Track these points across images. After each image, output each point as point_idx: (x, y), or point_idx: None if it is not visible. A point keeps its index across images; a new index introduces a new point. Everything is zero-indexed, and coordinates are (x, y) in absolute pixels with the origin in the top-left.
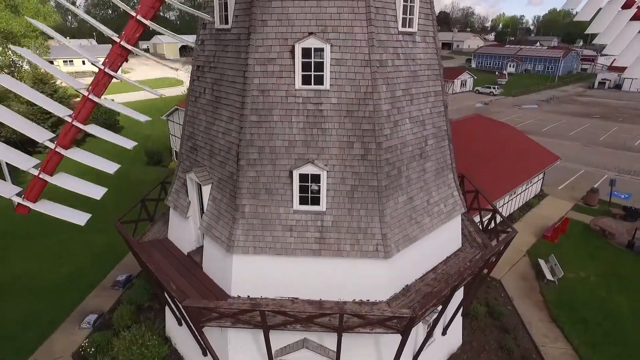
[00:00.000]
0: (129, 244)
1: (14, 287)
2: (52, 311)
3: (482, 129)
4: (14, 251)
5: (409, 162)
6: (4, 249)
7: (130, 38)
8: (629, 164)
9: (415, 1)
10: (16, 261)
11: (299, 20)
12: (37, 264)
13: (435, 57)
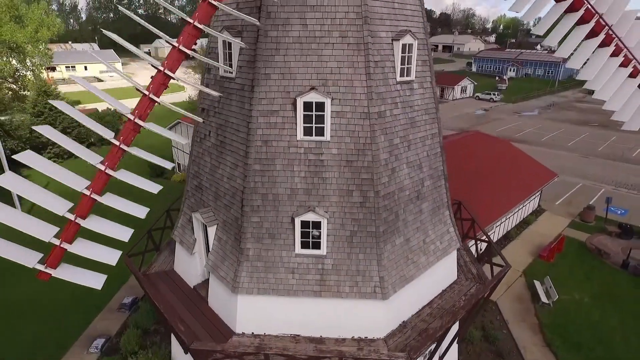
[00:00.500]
0: (138, 279)
1: (22, 308)
2: (60, 334)
3: (480, 146)
4: (20, 271)
5: (405, 205)
6: (10, 269)
7: (170, 67)
8: (626, 176)
9: (413, 51)
10: (23, 282)
11: (301, 74)
12: (43, 285)
13: (432, 101)
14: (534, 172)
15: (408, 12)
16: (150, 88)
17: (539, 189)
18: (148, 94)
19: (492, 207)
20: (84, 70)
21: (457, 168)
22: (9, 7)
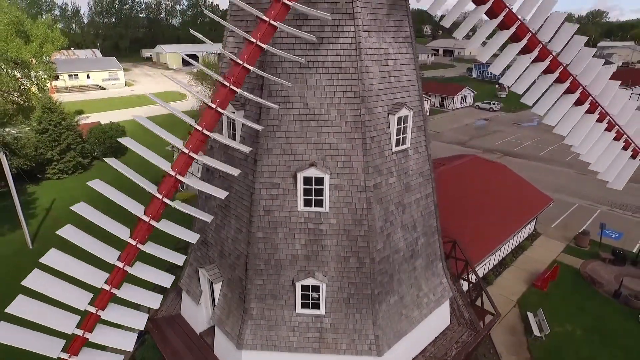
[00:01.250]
0: (148, 330)
1: None
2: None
3: (476, 173)
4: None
5: (400, 265)
6: None
7: (236, 80)
8: (621, 196)
9: (408, 121)
10: None
11: (301, 149)
12: None
13: (427, 164)
14: (530, 197)
15: (404, 84)
16: (202, 125)
17: (534, 216)
18: (201, 130)
19: (487, 238)
20: (87, 78)
21: (454, 198)
22: (14, 24)
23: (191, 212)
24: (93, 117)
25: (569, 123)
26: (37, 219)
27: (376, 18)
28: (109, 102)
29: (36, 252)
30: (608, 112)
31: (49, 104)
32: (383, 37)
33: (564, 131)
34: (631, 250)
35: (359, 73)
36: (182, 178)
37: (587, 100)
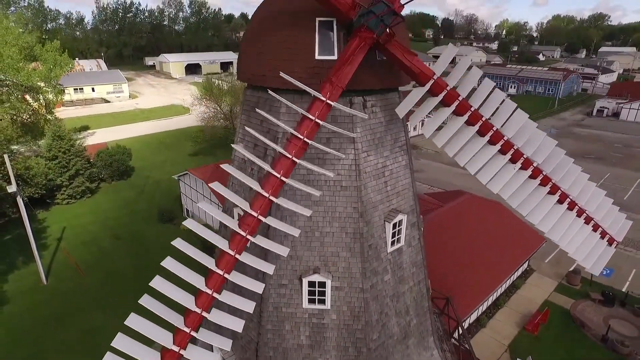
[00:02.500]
0: None
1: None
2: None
3: (471, 213)
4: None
5: (393, 347)
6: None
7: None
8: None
9: (403, 224)
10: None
11: (306, 256)
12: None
13: (420, 255)
14: (523, 237)
15: (399, 189)
16: (279, 170)
17: (527, 257)
18: (278, 177)
19: (481, 285)
20: (92, 91)
21: (448, 243)
22: (24, 49)
23: (269, 246)
24: (99, 133)
25: (550, 221)
26: (50, 250)
27: (374, 137)
28: (114, 117)
29: (51, 288)
30: (585, 209)
31: (59, 132)
32: (381, 152)
33: (544, 228)
34: (621, 289)
35: (358, 190)
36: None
37: (565, 200)
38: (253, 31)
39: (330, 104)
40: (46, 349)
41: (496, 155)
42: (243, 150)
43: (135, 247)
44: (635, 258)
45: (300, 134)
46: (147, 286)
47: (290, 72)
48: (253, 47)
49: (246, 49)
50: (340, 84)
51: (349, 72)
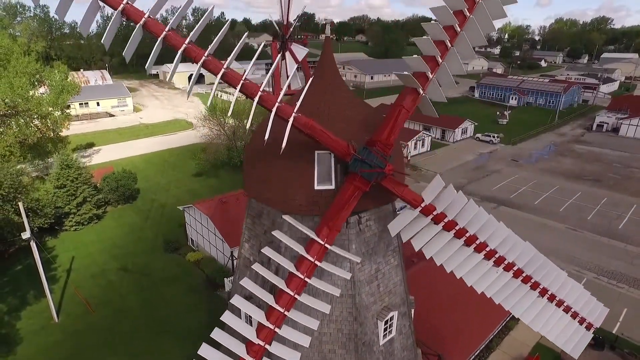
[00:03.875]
0: None
1: None
2: None
3: None
4: None
5: None
6: None
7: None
8: (608, 260)
9: (394, 318)
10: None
11: (305, 352)
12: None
13: (410, 338)
14: None
15: (390, 287)
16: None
17: None
18: (292, 294)
19: (473, 332)
20: (97, 105)
21: (440, 292)
22: (32, 75)
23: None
24: (104, 151)
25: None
26: (60, 284)
27: (368, 248)
28: (119, 133)
29: (62, 326)
30: (564, 300)
31: (66, 161)
32: (374, 259)
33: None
34: (612, 330)
35: (352, 298)
36: None
37: (545, 294)
38: (257, 153)
39: (328, 247)
40: None
41: (481, 261)
42: (262, 270)
43: (142, 280)
44: (627, 296)
45: (301, 274)
46: (156, 323)
47: (292, 200)
48: (258, 169)
49: (251, 171)
50: (336, 228)
51: (344, 216)
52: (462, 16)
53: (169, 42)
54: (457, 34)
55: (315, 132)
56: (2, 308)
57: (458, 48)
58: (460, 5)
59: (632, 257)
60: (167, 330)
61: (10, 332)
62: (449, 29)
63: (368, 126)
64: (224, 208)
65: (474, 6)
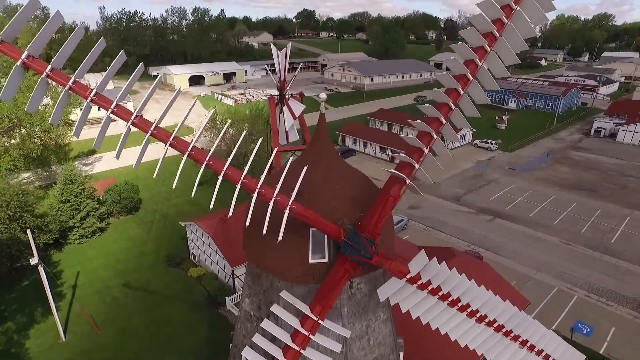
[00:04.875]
0: None
1: None
2: None
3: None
4: None
5: None
6: None
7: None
8: (599, 276)
9: None
10: None
11: None
12: None
13: None
14: (509, 299)
15: (380, 340)
16: None
17: None
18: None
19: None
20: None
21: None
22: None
23: None
24: (105, 158)
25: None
26: (66, 301)
27: (359, 309)
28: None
29: (69, 346)
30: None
31: (70, 176)
32: (365, 317)
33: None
34: (599, 350)
35: (344, 355)
36: None
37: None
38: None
39: (320, 323)
40: None
41: (465, 319)
42: (269, 327)
43: (145, 298)
44: (615, 314)
45: (297, 345)
46: (161, 343)
47: (288, 271)
48: (256, 239)
49: (250, 239)
50: (329, 306)
51: (336, 295)
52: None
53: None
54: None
55: (309, 220)
56: (10, 326)
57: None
58: None
59: (622, 273)
60: (171, 350)
61: (20, 352)
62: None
63: (362, 203)
64: (225, 227)
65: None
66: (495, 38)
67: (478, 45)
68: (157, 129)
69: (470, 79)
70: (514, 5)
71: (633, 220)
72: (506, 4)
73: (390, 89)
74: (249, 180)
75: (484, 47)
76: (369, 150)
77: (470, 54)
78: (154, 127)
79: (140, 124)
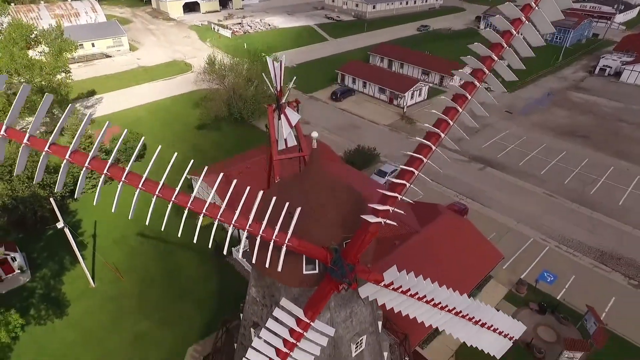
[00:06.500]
0: None
1: None
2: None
3: (442, 236)
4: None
5: None
6: None
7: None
8: (573, 228)
9: (363, 340)
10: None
11: None
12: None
13: (376, 344)
14: (485, 254)
15: (362, 320)
16: None
17: (486, 273)
18: (302, 332)
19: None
20: (92, 47)
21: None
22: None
23: None
24: (106, 100)
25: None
26: (89, 250)
27: (344, 301)
28: (118, 79)
29: (99, 291)
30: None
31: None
32: (349, 305)
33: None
34: (556, 297)
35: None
36: None
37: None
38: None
39: (310, 324)
40: (109, 353)
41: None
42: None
43: (159, 246)
44: (578, 264)
45: (294, 338)
46: (177, 291)
47: (287, 278)
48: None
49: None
50: (318, 311)
51: (324, 304)
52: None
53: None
54: None
55: (302, 251)
56: (46, 273)
57: None
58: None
59: (594, 225)
60: (186, 298)
61: (58, 296)
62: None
63: (350, 224)
64: (229, 183)
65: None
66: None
67: None
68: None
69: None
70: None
71: (616, 170)
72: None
73: (393, 17)
74: (253, 228)
75: None
76: (368, 90)
77: None
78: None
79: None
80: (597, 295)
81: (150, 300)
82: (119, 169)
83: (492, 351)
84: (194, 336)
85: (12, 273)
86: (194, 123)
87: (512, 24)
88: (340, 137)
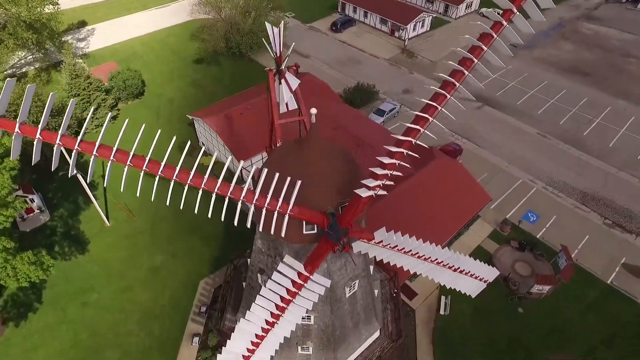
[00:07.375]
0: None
1: None
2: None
3: (434, 179)
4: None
5: (349, 332)
6: None
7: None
8: (561, 169)
9: (356, 285)
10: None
11: None
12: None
13: (368, 285)
14: (474, 196)
15: (354, 266)
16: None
17: (472, 216)
18: (302, 283)
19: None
20: None
21: (415, 208)
22: None
23: None
24: (98, 31)
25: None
26: (100, 190)
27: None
28: (108, 7)
29: (114, 230)
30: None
31: (75, 71)
32: (344, 255)
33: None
34: (536, 235)
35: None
36: None
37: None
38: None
39: (309, 277)
40: (130, 284)
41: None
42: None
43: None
44: (561, 204)
45: (296, 288)
46: (186, 227)
47: (289, 237)
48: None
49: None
50: (316, 267)
51: (321, 261)
52: None
53: None
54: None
55: (303, 217)
56: (63, 212)
57: None
58: None
59: (582, 167)
60: (195, 233)
61: (77, 234)
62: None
63: (346, 190)
64: (229, 123)
65: None
66: None
67: None
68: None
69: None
70: None
71: (613, 110)
72: None
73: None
74: (259, 202)
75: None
76: (369, 21)
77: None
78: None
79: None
80: (573, 234)
81: (162, 236)
82: None
83: (469, 291)
84: (205, 270)
85: (32, 213)
86: (191, 57)
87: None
88: (340, 72)
